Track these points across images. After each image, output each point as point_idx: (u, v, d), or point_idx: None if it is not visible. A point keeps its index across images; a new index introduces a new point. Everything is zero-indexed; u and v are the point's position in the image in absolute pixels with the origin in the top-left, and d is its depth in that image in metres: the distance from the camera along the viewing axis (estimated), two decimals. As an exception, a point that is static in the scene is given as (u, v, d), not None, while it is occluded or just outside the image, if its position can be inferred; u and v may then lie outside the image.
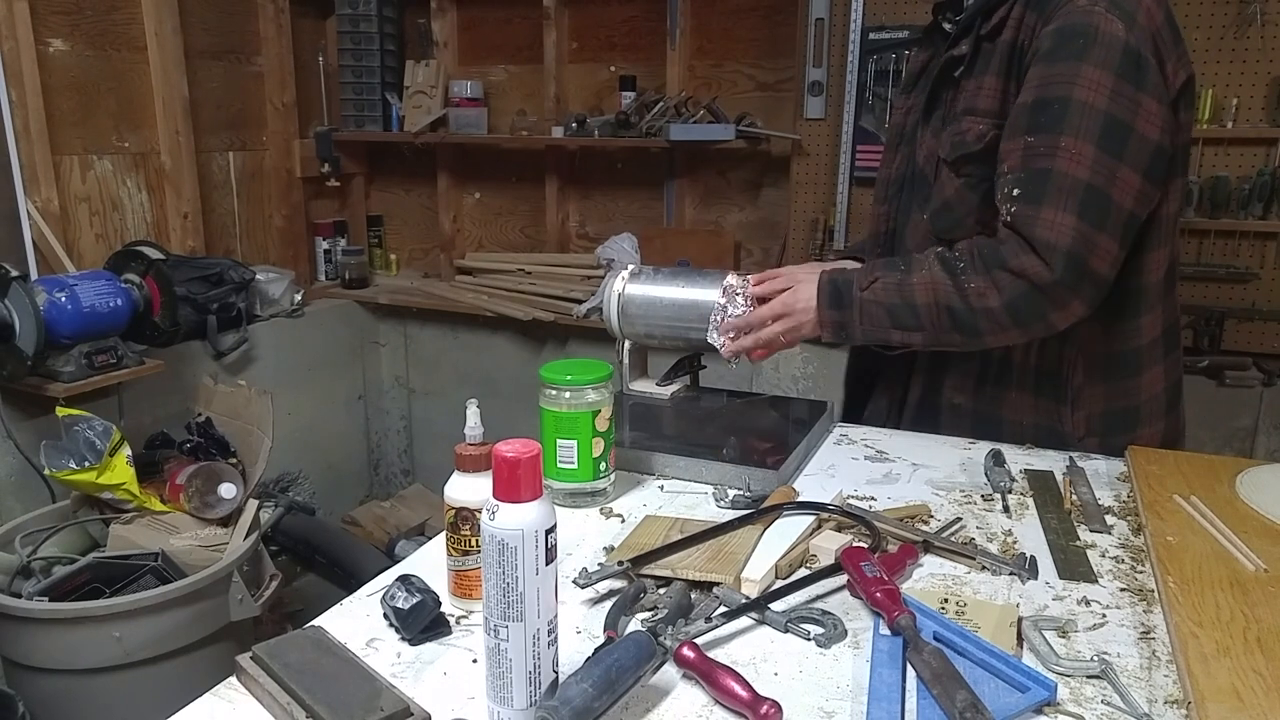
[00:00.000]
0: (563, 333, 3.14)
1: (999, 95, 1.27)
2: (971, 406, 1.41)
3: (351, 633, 0.90)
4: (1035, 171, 1.19)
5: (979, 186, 1.29)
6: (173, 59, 2.80)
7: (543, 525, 0.73)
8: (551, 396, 1.14)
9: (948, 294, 1.23)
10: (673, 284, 1.43)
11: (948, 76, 1.35)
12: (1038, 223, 1.18)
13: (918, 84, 1.46)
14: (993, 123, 1.27)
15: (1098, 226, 1.18)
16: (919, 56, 1.49)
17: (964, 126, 1.30)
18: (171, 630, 1.90)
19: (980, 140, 1.28)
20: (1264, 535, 1.04)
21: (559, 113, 3.21)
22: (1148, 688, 0.81)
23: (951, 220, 1.33)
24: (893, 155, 1.49)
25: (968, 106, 1.30)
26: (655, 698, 0.80)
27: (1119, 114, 1.17)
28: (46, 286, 2.21)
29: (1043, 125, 1.19)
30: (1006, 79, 1.26)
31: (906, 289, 1.25)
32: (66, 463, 1.98)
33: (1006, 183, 1.22)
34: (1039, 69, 1.20)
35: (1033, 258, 1.18)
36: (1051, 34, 1.19)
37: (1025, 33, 1.23)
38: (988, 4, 1.28)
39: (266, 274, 3.04)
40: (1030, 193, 1.19)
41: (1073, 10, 1.18)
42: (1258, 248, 2.41)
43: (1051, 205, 1.18)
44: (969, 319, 1.23)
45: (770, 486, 1.20)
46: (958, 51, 1.32)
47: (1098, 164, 1.17)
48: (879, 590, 0.89)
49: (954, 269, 1.24)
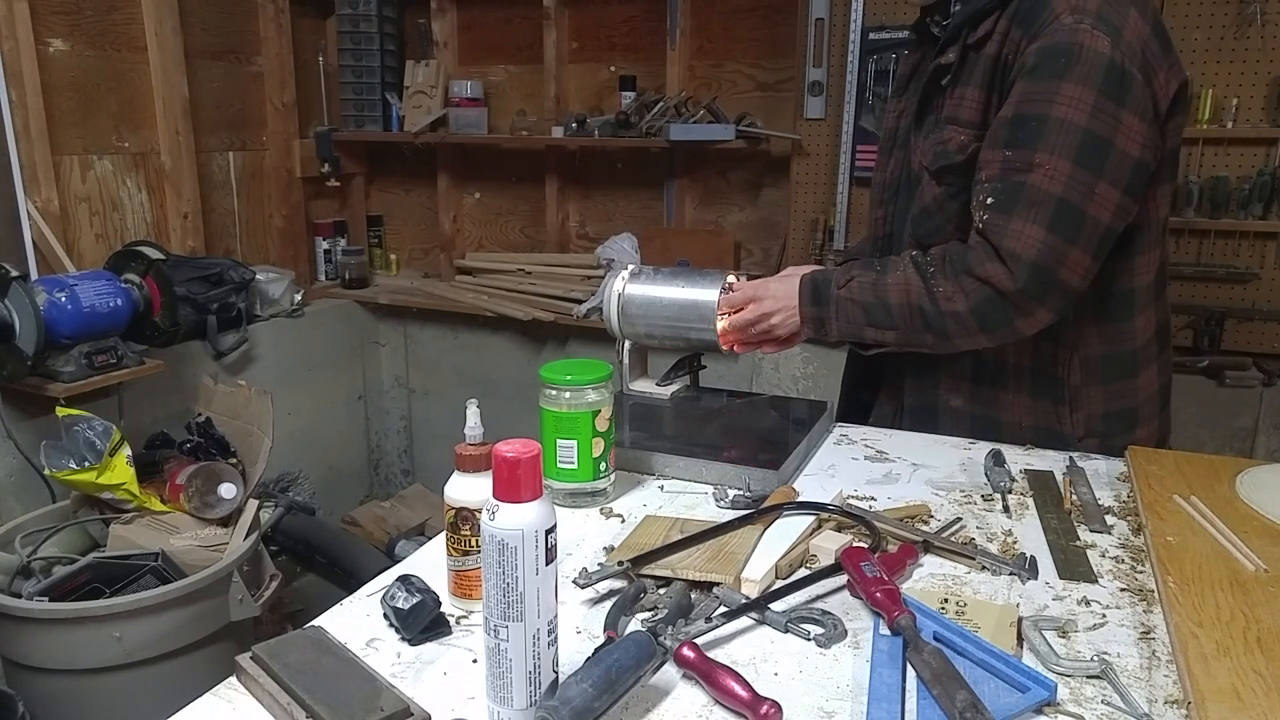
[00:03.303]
0: (563, 333, 3.14)
1: (981, 107, 1.28)
2: (968, 409, 1.42)
3: (351, 633, 0.90)
4: (1010, 184, 1.22)
5: (959, 196, 1.31)
6: (173, 59, 2.80)
7: (543, 525, 0.73)
8: (551, 396, 1.14)
9: (919, 295, 1.27)
10: (673, 284, 1.43)
11: (936, 84, 1.36)
12: (1006, 233, 1.21)
13: (908, 87, 1.47)
14: (974, 134, 1.29)
15: (1069, 240, 1.20)
16: (909, 59, 1.50)
17: (945, 136, 1.32)
18: (171, 630, 1.90)
19: (962, 151, 1.30)
20: (1264, 535, 1.04)
21: (559, 113, 3.21)
22: (1148, 688, 0.81)
23: (931, 226, 1.36)
24: (887, 158, 1.50)
25: (951, 116, 1.32)
26: (655, 698, 0.80)
27: (1099, 130, 1.19)
28: (46, 286, 2.21)
29: (1020, 140, 1.21)
30: (989, 91, 1.27)
31: (881, 289, 1.29)
32: (66, 463, 1.98)
33: (982, 191, 1.25)
34: (1022, 85, 1.21)
35: (998, 265, 1.22)
36: (1036, 51, 1.20)
37: (1010, 47, 1.24)
38: (975, 15, 1.28)
39: (266, 274, 3.04)
40: (1002, 203, 1.22)
41: (1059, 28, 1.19)
42: (1258, 248, 2.41)
43: (1021, 217, 1.20)
44: (938, 321, 1.26)
45: (770, 486, 1.20)
46: (945, 60, 1.33)
47: (1073, 179, 1.19)
48: (879, 590, 0.89)
49: (925, 272, 1.27)
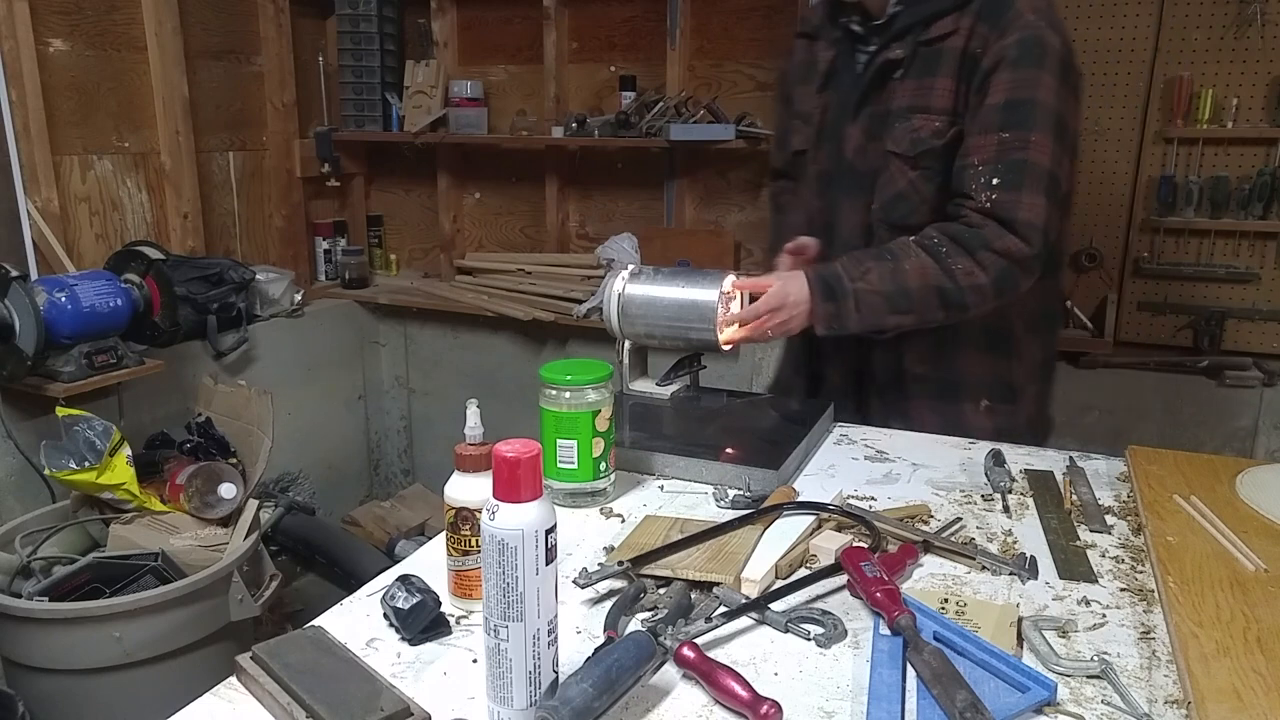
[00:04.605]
0: (563, 333, 3.14)
1: (953, 95, 1.41)
2: (935, 374, 1.52)
3: (351, 633, 0.90)
4: (1012, 162, 1.36)
5: (934, 179, 1.43)
6: (173, 59, 2.79)
7: (543, 525, 0.73)
8: (551, 396, 1.14)
9: (937, 276, 1.38)
10: (673, 284, 1.43)
11: (886, 78, 1.46)
12: (1020, 206, 1.36)
13: (829, 82, 1.55)
14: (948, 120, 1.41)
15: (1054, 205, 1.37)
16: (825, 54, 1.56)
17: (917, 124, 1.43)
18: (171, 630, 1.90)
19: (939, 136, 1.41)
20: (1264, 535, 1.04)
21: (559, 113, 3.21)
22: (1148, 688, 0.81)
23: (906, 209, 1.46)
24: (816, 152, 1.57)
25: (917, 105, 1.43)
26: (655, 698, 0.80)
27: (1062, 111, 1.37)
28: (46, 286, 2.21)
29: (1014, 123, 1.35)
30: (958, 80, 1.40)
31: (900, 275, 1.38)
32: (66, 463, 1.98)
33: (982, 173, 1.37)
34: (1007, 74, 1.36)
35: (1013, 238, 1.36)
36: (1015, 44, 1.35)
37: (978, 41, 1.38)
38: (931, 15, 1.41)
39: (266, 274, 3.04)
40: (1010, 180, 1.36)
41: (1026, 25, 1.36)
42: (1258, 248, 2.41)
43: (1029, 190, 1.36)
44: (958, 296, 1.38)
45: (770, 486, 1.20)
46: (893, 55, 1.44)
47: (1054, 154, 1.36)
48: (879, 590, 0.89)
49: (937, 253, 1.38)
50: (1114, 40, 2.43)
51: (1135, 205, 2.49)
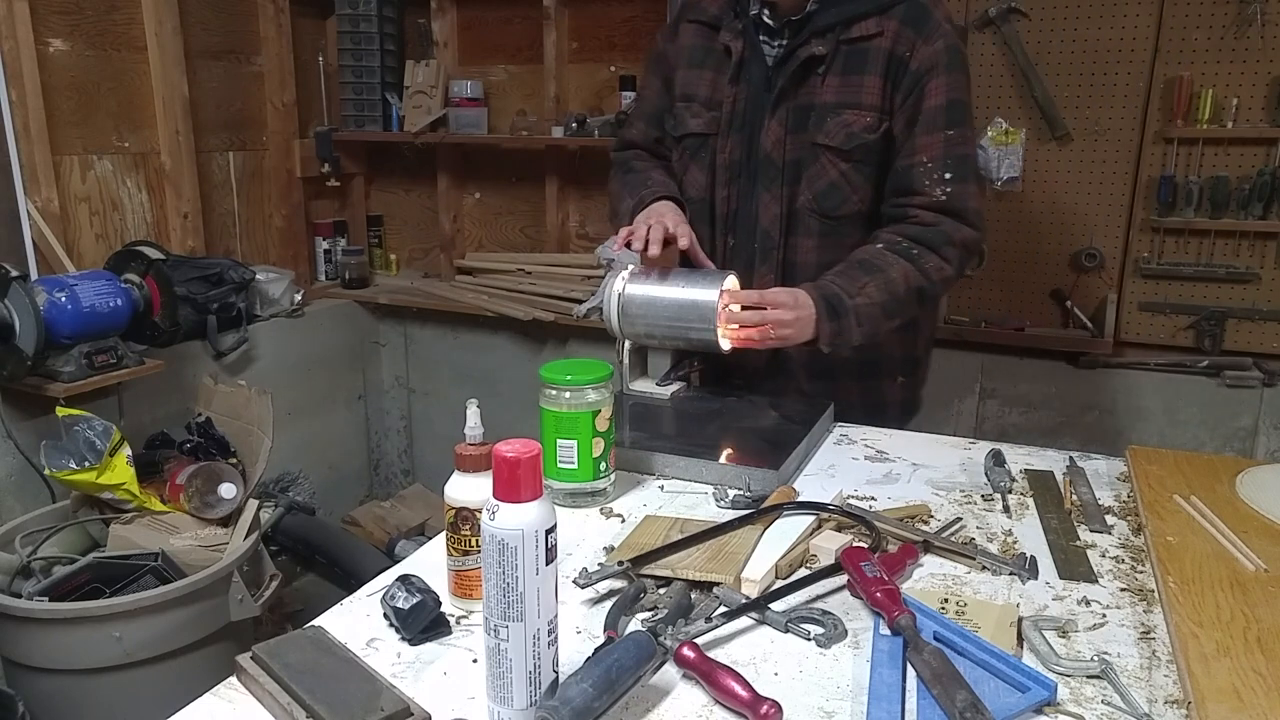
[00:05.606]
0: (563, 333, 3.14)
1: (881, 93, 1.49)
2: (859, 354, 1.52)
3: (351, 633, 0.90)
4: (959, 157, 1.49)
5: (865, 170, 1.52)
6: (173, 59, 2.79)
7: (543, 525, 0.73)
8: (551, 396, 1.14)
9: (916, 278, 1.47)
10: (673, 284, 1.43)
11: (809, 73, 1.51)
12: (970, 196, 1.50)
13: (741, 74, 1.56)
14: (878, 115, 1.50)
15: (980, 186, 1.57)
16: (734, 44, 1.57)
17: (848, 119, 1.50)
18: (171, 630, 1.90)
19: (871, 131, 1.50)
20: (1264, 535, 1.04)
21: (559, 113, 3.20)
22: (1148, 688, 0.81)
23: (837, 199, 1.53)
24: (725, 141, 1.58)
25: (847, 101, 1.50)
26: (655, 698, 0.80)
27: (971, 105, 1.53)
28: (46, 286, 2.21)
29: (956, 121, 1.48)
30: (885, 79, 1.49)
31: (892, 285, 1.45)
32: (66, 463, 1.98)
33: (933, 170, 1.48)
34: (943, 78, 1.47)
35: (968, 229, 1.49)
36: (943, 50, 1.47)
37: (904, 44, 1.47)
38: (851, 17, 1.48)
39: (266, 274, 3.04)
40: (960, 174, 1.49)
41: (946, 33, 1.48)
42: (1258, 248, 2.41)
43: (974, 181, 1.51)
44: (934, 290, 1.50)
45: (770, 486, 1.20)
46: (817, 51, 1.49)
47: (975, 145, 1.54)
48: (879, 590, 0.89)
49: (910, 256, 1.47)
50: (1114, 40, 2.43)
51: (1135, 205, 2.48)
